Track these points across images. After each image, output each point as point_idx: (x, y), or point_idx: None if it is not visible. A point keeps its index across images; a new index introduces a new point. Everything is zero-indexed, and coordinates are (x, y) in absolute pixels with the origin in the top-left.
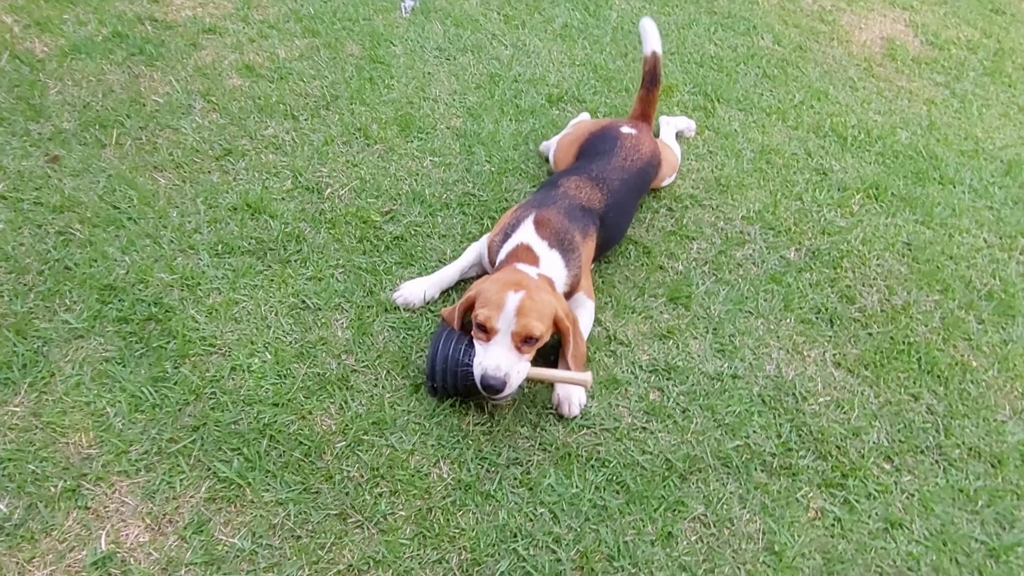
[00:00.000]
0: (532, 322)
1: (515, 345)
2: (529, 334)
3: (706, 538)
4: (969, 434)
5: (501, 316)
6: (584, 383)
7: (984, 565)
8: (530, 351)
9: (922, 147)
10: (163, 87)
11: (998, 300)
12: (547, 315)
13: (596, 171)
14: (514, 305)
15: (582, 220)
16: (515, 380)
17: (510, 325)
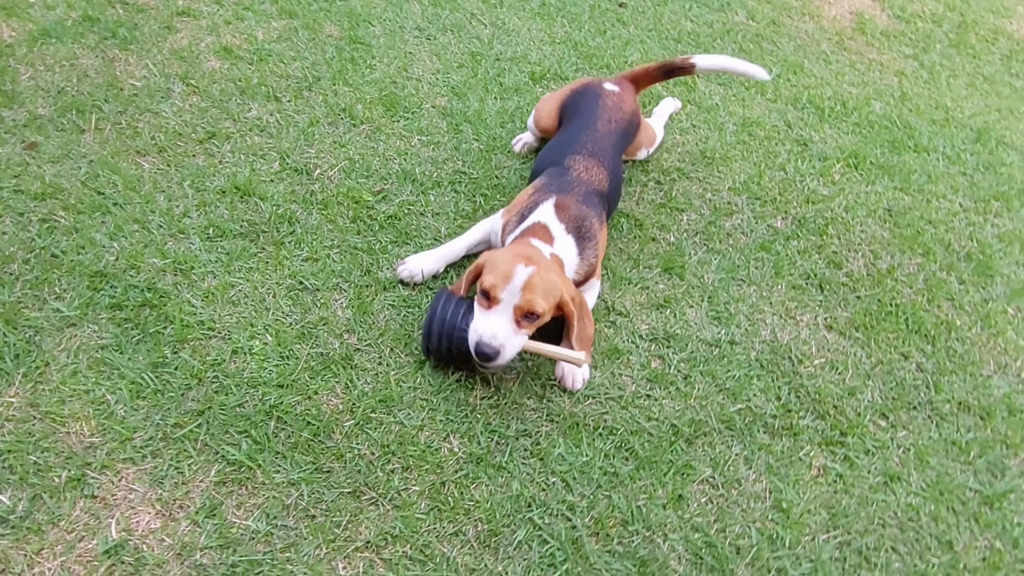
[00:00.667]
0: (537, 299)
1: (515, 318)
2: (531, 310)
3: (715, 499)
4: (958, 389)
5: (507, 287)
6: (577, 362)
7: (979, 512)
8: (529, 327)
9: (896, 117)
10: (140, 71)
11: (977, 261)
12: (552, 295)
13: (591, 145)
14: (522, 279)
15: (598, 206)
16: (508, 352)
17: (514, 297)
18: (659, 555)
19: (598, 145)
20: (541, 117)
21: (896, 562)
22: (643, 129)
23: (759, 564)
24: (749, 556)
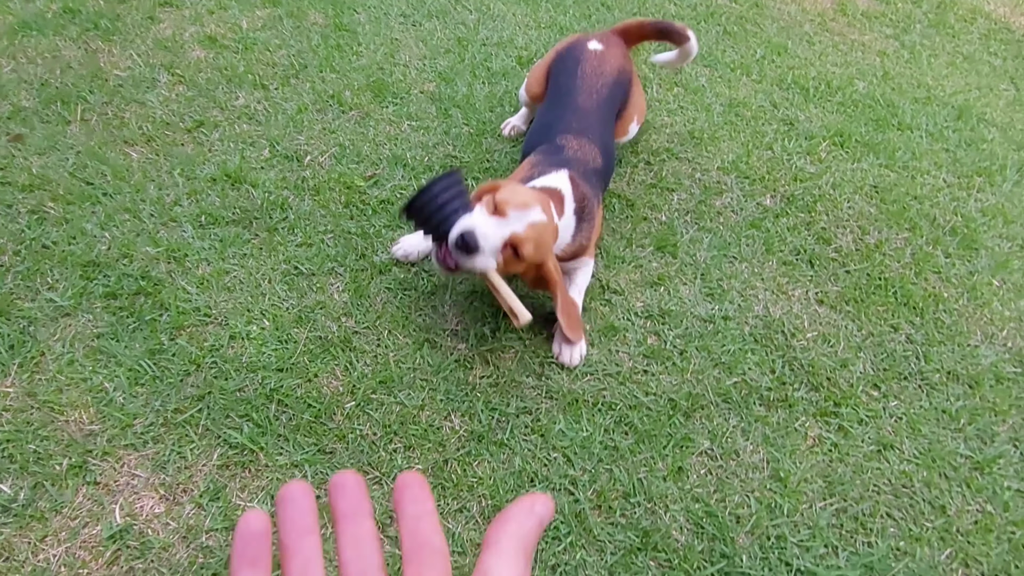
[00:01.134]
0: (530, 244)
1: (503, 245)
2: (519, 247)
3: (714, 470)
4: (947, 359)
5: (518, 213)
6: (520, 317)
7: (971, 477)
8: (502, 264)
9: (879, 96)
10: (124, 61)
11: (962, 235)
12: (542, 251)
13: (576, 123)
14: (533, 218)
15: (596, 187)
16: (480, 262)
17: (517, 225)
18: (661, 525)
19: (583, 122)
20: (531, 84)
21: (891, 527)
22: (634, 93)
23: (759, 532)
24: (749, 524)
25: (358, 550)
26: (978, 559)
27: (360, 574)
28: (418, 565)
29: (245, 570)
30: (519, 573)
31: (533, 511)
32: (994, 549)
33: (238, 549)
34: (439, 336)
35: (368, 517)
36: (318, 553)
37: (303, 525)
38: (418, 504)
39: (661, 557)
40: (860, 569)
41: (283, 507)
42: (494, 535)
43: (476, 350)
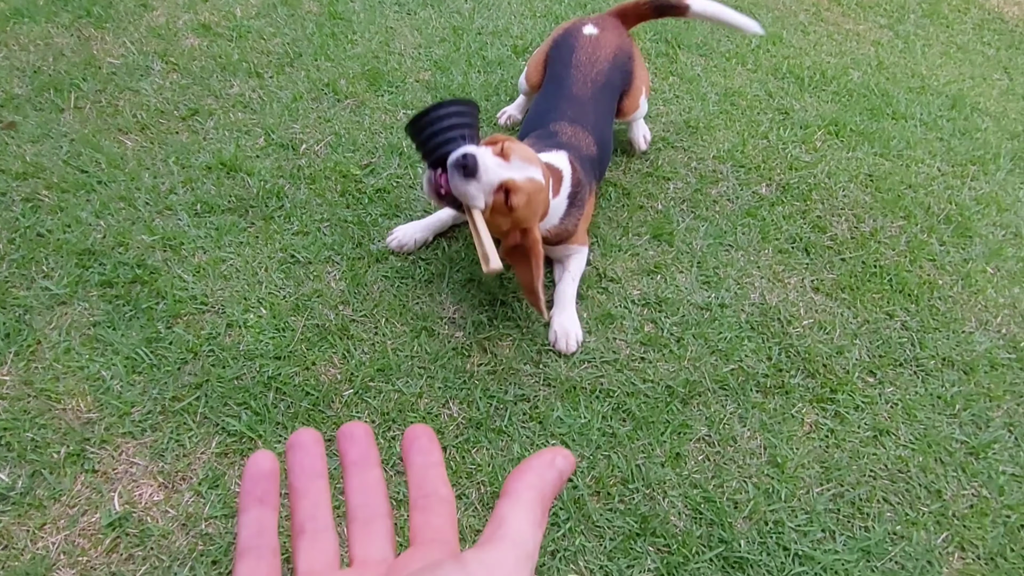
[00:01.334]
0: (523, 194)
1: (499, 186)
2: (512, 194)
3: (712, 456)
4: (942, 346)
5: (518, 161)
6: (491, 263)
7: (966, 462)
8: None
9: (874, 85)
10: (117, 49)
11: (956, 223)
12: (531, 210)
13: (571, 111)
14: (532, 173)
15: (591, 174)
16: (474, 189)
17: (515, 171)
18: (659, 511)
19: (578, 111)
20: (530, 73)
21: (888, 512)
22: (637, 68)
23: (757, 517)
24: (747, 510)
25: (365, 496)
26: (974, 542)
27: (367, 518)
28: (424, 511)
29: (254, 507)
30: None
31: (554, 464)
32: (989, 532)
33: (247, 487)
34: (437, 324)
35: (376, 466)
36: (326, 496)
37: (313, 470)
38: (426, 455)
39: (660, 542)
40: (857, 553)
41: (293, 453)
42: (512, 485)
43: (474, 338)
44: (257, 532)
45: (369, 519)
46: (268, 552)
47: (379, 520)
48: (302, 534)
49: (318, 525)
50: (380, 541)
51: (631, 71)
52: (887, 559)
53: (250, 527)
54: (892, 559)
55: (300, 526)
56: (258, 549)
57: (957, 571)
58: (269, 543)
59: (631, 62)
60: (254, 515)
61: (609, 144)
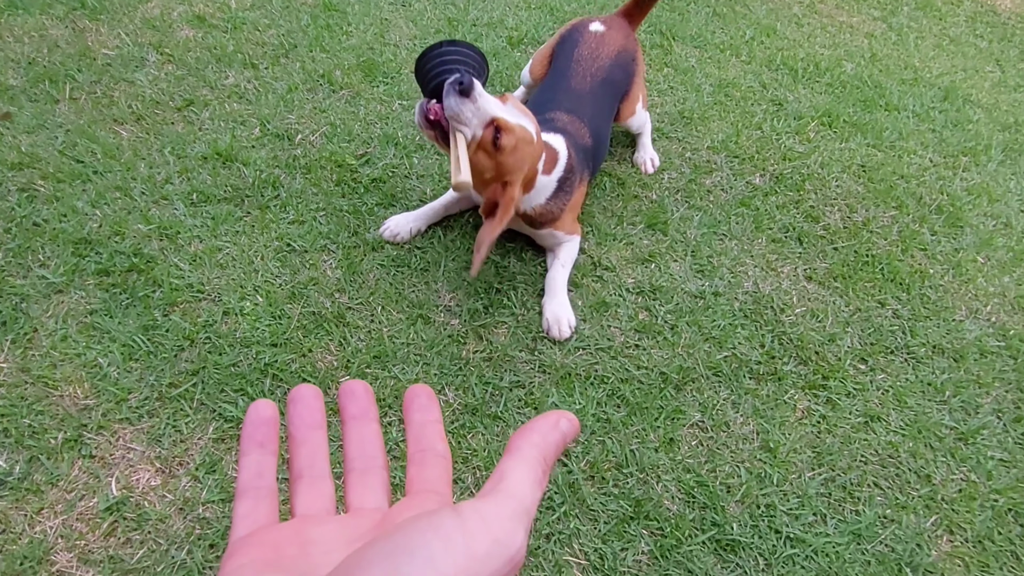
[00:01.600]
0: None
1: (490, 121)
2: (503, 133)
3: (705, 441)
4: (932, 333)
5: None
6: (462, 175)
7: (955, 447)
8: (477, 144)
9: (867, 77)
10: (112, 40)
11: (947, 213)
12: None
13: (568, 103)
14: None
15: (584, 163)
16: (469, 109)
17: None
18: (653, 495)
19: (575, 103)
20: (535, 67)
21: (878, 496)
22: (638, 74)
23: (749, 501)
24: (739, 494)
25: (363, 448)
26: (962, 526)
27: (364, 469)
28: (420, 465)
29: (254, 451)
30: (535, 480)
31: (558, 426)
32: (978, 516)
33: (248, 432)
34: (432, 312)
35: (374, 421)
36: (324, 446)
37: (312, 421)
38: (424, 413)
39: (653, 525)
40: (848, 536)
41: (294, 405)
42: (516, 443)
43: (469, 325)
44: (257, 474)
45: (366, 470)
46: (266, 493)
47: (376, 471)
48: (300, 479)
49: (315, 472)
50: (376, 491)
51: (633, 72)
52: (877, 542)
53: (250, 469)
54: (882, 542)
55: (298, 472)
56: (257, 490)
57: (946, 554)
58: (268, 484)
59: (634, 64)
60: (254, 458)
61: (605, 140)
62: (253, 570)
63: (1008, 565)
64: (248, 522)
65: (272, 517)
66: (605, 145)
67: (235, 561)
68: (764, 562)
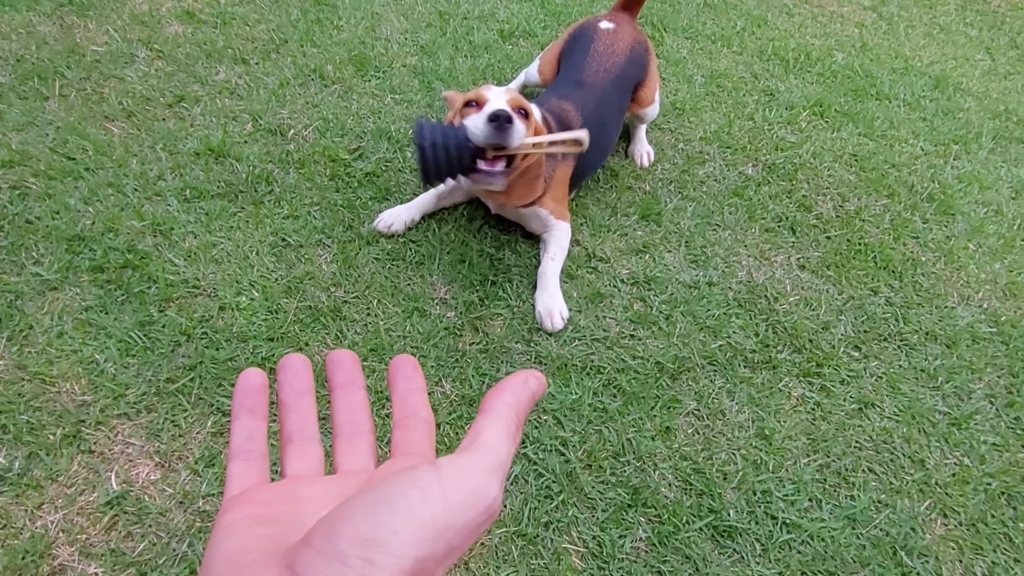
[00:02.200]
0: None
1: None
2: (520, 105)
3: (701, 430)
4: (925, 320)
5: (492, 93)
6: (581, 142)
7: (949, 432)
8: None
9: (858, 67)
10: (100, 37)
11: (939, 201)
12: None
13: (574, 93)
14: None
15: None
16: (519, 126)
17: (501, 98)
18: (650, 483)
19: (582, 94)
20: (544, 67)
21: (873, 481)
22: (651, 68)
23: (745, 487)
24: (736, 480)
25: (350, 414)
26: (956, 509)
27: (352, 434)
28: (405, 429)
29: (244, 416)
30: (508, 435)
31: (527, 384)
32: (971, 500)
33: (238, 398)
34: (428, 304)
35: (361, 388)
36: (313, 412)
37: (301, 387)
38: (409, 381)
39: (651, 513)
40: (843, 521)
41: (283, 373)
42: (489, 402)
43: (465, 318)
44: (248, 437)
45: (353, 434)
46: (257, 456)
47: (363, 436)
48: (290, 443)
49: (305, 436)
50: (363, 454)
51: (647, 64)
52: (872, 526)
53: (241, 433)
54: (877, 526)
55: (288, 436)
56: (248, 452)
57: (940, 537)
58: (258, 447)
59: (647, 55)
60: (245, 422)
61: (607, 132)
62: (246, 525)
63: (1001, 547)
64: (241, 481)
65: (264, 477)
66: (607, 137)
67: (229, 516)
68: (761, 547)
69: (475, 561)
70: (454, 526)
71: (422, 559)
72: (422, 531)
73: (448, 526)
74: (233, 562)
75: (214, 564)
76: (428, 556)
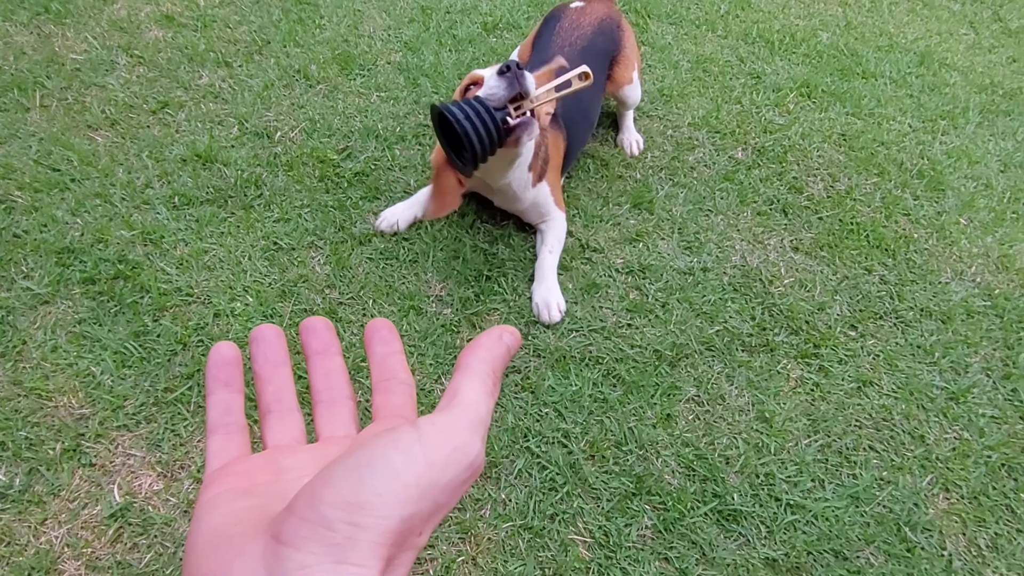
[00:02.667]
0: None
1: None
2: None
3: (702, 415)
4: (919, 297)
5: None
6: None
7: (947, 407)
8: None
9: (843, 46)
10: (79, 45)
11: (928, 177)
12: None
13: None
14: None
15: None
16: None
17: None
18: (654, 470)
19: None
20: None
21: (874, 459)
22: (627, 38)
23: (748, 471)
24: (738, 464)
25: (328, 381)
26: (957, 483)
27: (331, 401)
28: (384, 393)
29: (220, 390)
30: (487, 391)
31: (502, 339)
32: (972, 473)
33: (211, 373)
34: (424, 302)
35: (337, 354)
36: (290, 382)
37: (276, 358)
38: (386, 345)
39: (656, 500)
40: (846, 499)
41: (256, 345)
42: (465, 359)
43: (462, 314)
44: (225, 411)
45: (333, 401)
46: (236, 428)
47: (342, 402)
48: (269, 414)
49: (283, 406)
50: (345, 419)
51: (620, 39)
52: (875, 504)
53: (218, 407)
54: (880, 503)
55: (267, 407)
56: (226, 426)
57: (943, 511)
58: (237, 420)
59: (619, 31)
60: (221, 396)
61: (584, 112)
62: (228, 498)
63: (1004, 519)
64: (222, 456)
65: (244, 450)
66: (585, 112)
67: (211, 491)
68: (766, 529)
69: (483, 556)
70: (438, 483)
71: (407, 518)
72: (406, 491)
73: (432, 484)
74: (217, 536)
75: (197, 541)
76: (414, 515)
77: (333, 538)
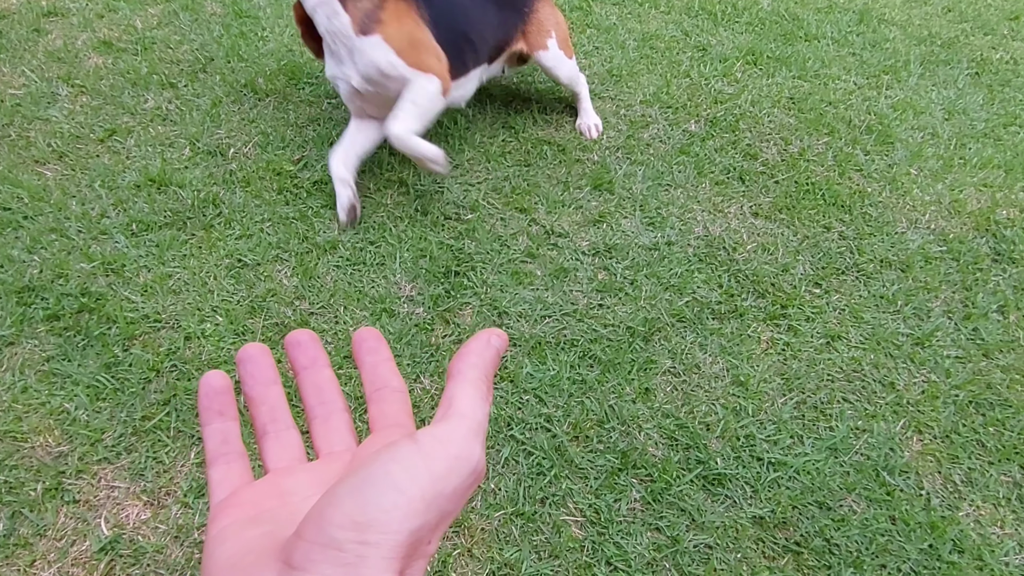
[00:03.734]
0: None
1: None
2: None
3: (679, 386)
4: (878, 249)
5: None
6: None
7: (913, 352)
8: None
9: (783, 11)
10: (17, 79)
11: (877, 132)
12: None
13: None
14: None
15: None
16: None
17: None
18: (637, 444)
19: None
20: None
21: (848, 410)
22: (538, 9)
23: (729, 435)
24: (719, 430)
25: (320, 395)
26: (929, 424)
27: (326, 415)
28: (379, 402)
29: (215, 420)
30: (481, 397)
31: (490, 343)
32: (942, 413)
33: (204, 404)
34: (396, 304)
35: (326, 366)
36: (283, 400)
37: (266, 378)
38: (375, 354)
39: (642, 473)
40: (825, 452)
41: (244, 366)
42: (456, 367)
43: (434, 311)
44: (222, 441)
45: (328, 415)
46: (236, 456)
47: (337, 414)
48: (266, 435)
49: (279, 426)
50: (342, 432)
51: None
52: (853, 452)
53: (215, 437)
54: (857, 452)
55: (262, 429)
56: (226, 455)
57: (917, 453)
58: (235, 448)
59: None
60: (216, 427)
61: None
62: (237, 528)
63: (975, 454)
64: (225, 485)
65: (246, 477)
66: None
67: (219, 524)
68: (751, 489)
69: (478, 547)
70: (443, 493)
71: (415, 530)
72: (411, 505)
73: (437, 494)
74: (230, 568)
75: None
76: (421, 526)
77: (344, 558)
